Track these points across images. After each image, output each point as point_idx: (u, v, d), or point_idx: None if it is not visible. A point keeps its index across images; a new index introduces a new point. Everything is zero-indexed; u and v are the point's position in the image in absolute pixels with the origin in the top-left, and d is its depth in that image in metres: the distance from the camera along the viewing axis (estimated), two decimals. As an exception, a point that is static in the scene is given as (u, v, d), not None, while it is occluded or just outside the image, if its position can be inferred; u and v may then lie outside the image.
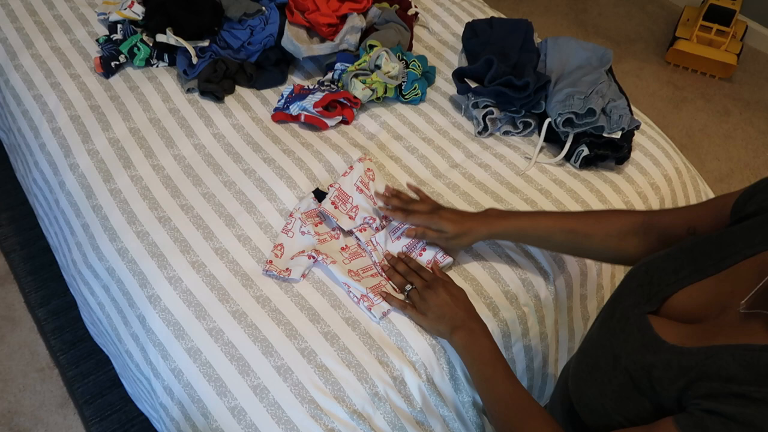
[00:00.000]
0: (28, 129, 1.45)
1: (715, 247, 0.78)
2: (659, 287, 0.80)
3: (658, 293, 0.80)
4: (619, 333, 0.79)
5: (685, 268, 0.79)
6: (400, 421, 1.05)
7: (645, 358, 0.73)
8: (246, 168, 1.34)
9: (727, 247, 0.77)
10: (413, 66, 1.50)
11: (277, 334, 1.09)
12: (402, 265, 1.15)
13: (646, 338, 0.75)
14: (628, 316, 0.80)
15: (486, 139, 1.45)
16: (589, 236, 1.05)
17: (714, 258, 0.77)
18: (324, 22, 1.50)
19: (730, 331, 0.69)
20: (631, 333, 0.77)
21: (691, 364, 0.68)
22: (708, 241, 0.80)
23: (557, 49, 1.53)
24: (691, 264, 0.79)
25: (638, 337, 0.76)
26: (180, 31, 1.50)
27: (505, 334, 1.18)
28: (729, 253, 0.76)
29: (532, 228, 1.09)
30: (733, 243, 0.76)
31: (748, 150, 2.46)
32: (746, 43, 2.86)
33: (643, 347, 0.74)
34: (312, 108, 1.39)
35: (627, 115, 1.39)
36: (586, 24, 2.97)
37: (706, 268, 0.77)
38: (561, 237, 1.07)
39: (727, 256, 0.76)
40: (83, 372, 1.66)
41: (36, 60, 1.52)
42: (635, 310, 0.80)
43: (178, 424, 1.08)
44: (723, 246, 0.78)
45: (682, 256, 0.82)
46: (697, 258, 0.79)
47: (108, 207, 1.27)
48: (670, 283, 0.80)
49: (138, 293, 1.16)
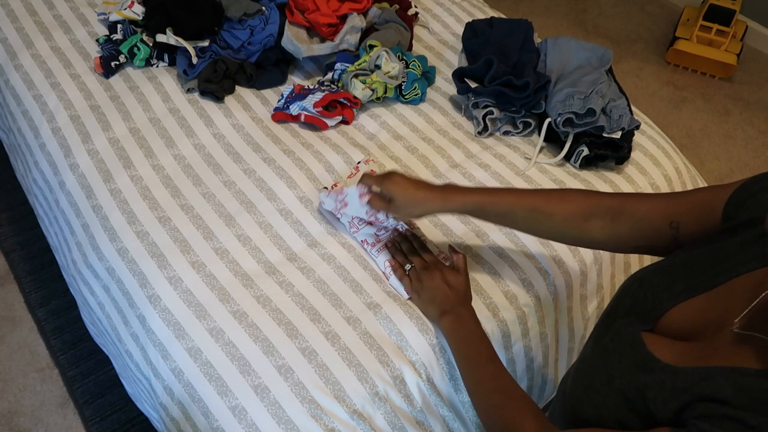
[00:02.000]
0: (28, 129, 1.45)
1: (709, 263, 0.76)
2: (653, 304, 0.79)
3: (652, 311, 0.78)
4: (613, 352, 0.78)
5: (678, 284, 0.78)
6: (400, 421, 1.05)
7: (639, 377, 0.72)
8: (246, 168, 1.34)
9: (721, 263, 0.75)
10: (413, 66, 1.51)
11: (277, 333, 1.09)
12: (407, 243, 1.16)
13: (639, 356, 0.74)
14: (622, 334, 0.79)
15: (486, 139, 1.45)
16: (551, 215, 0.99)
17: (708, 274, 0.76)
18: (324, 22, 1.50)
19: (724, 352, 0.68)
20: (625, 352, 0.76)
21: (685, 385, 0.67)
22: (702, 256, 0.78)
23: (557, 49, 1.53)
24: (685, 280, 0.77)
25: (631, 356, 0.75)
26: (180, 31, 1.50)
27: (505, 334, 1.18)
28: (723, 269, 0.74)
29: (492, 204, 1.01)
30: (727, 259, 0.75)
31: (748, 150, 2.46)
32: (746, 43, 2.86)
33: (637, 366, 0.73)
34: (312, 108, 1.39)
35: (627, 115, 1.39)
36: (586, 24, 2.97)
37: (700, 285, 0.76)
38: (522, 214, 1.01)
39: (721, 272, 0.74)
40: (83, 372, 1.66)
41: (36, 60, 1.52)
42: (629, 328, 0.78)
43: (179, 423, 1.08)
44: (717, 262, 0.76)
45: (675, 272, 0.80)
46: (691, 274, 0.77)
47: (108, 207, 1.27)
48: (663, 300, 0.78)
49: (138, 293, 1.16)
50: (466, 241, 1.24)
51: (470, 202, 1.02)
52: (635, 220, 0.91)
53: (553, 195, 1.01)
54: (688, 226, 0.84)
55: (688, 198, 0.87)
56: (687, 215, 0.85)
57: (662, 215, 0.87)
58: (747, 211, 0.77)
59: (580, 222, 0.97)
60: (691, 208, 0.85)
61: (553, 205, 0.99)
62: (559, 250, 1.26)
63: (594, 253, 1.29)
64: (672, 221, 0.86)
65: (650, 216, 0.89)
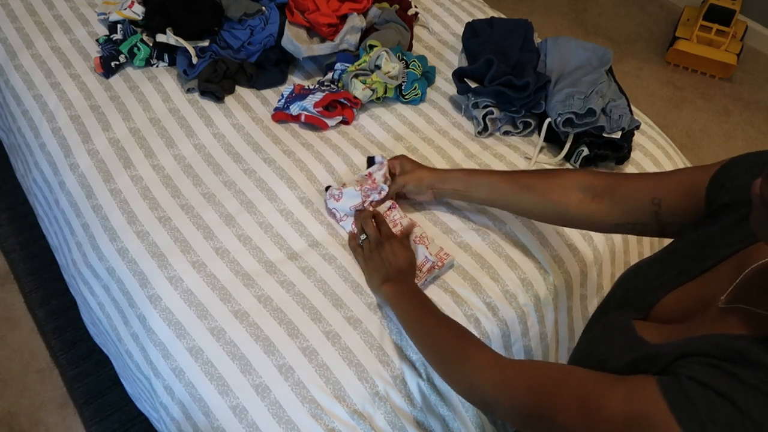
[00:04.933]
0: (28, 129, 1.45)
1: (696, 250, 0.78)
2: (645, 293, 0.80)
3: (644, 300, 0.80)
4: (605, 339, 0.80)
5: (669, 273, 0.80)
6: (400, 421, 1.05)
7: (628, 357, 0.73)
8: (246, 168, 1.34)
9: (707, 248, 0.77)
10: (413, 66, 1.50)
11: (278, 333, 1.09)
12: (368, 214, 1.20)
13: (630, 341, 0.75)
14: (614, 323, 0.80)
15: (486, 139, 1.45)
16: (531, 187, 1.06)
17: (696, 260, 0.78)
18: (324, 22, 1.50)
19: (708, 325, 0.70)
20: (616, 338, 0.78)
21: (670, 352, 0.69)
22: (689, 244, 0.80)
23: (557, 49, 1.53)
24: (675, 268, 0.80)
25: (623, 341, 0.76)
26: (180, 31, 1.50)
27: (505, 334, 1.18)
28: (709, 254, 0.76)
29: (476, 177, 1.16)
30: (713, 244, 0.77)
31: (748, 150, 2.45)
32: (746, 43, 2.86)
33: (628, 350, 0.74)
34: (312, 108, 1.39)
35: (627, 115, 1.39)
36: (586, 24, 2.97)
37: (689, 271, 0.78)
38: (504, 186, 1.10)
39: (708, 257, 0.76)
40: (83, 372, 1.66)
41: (36, 60, 1.52)
42: (621, 318, 0.80)
43: (179, 423, 1.08)
44: (703, 248, 0.78)
45: (666, 261, 0.82)
46: (680, 262, 0.80)
47: (108, 207, 1.27)
48: (655, 288, 0.80)
49: (138, 293, 1.16)
50: (465, 239, 1.24)
51: (457, 176, 1.18)
52: (621, 197, 0.94)
53: (535, 172, 1.10)
54: (669, 204, 0.87)
55: (670, 177, 0.89)
56: (669, 193, 0.87)
57: (644, 192, 0.90)
58: (727, 193, 0.79)
59: (557, 194, 1.02)
60: (674, 186, 0.87)
61: (534, 178, 1.06)
62: (560, 249, 1.26)
63: (594, 253, 1.29)
64: (654, 197, 0.88)
65: (632, 192, 0.92)
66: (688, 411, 0.61)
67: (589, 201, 0.98)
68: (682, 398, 0.62)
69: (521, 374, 0.80)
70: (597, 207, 0.97)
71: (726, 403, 0.60)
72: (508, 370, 0.82)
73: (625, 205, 0.93)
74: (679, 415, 0.61)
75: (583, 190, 0.99)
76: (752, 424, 0.59)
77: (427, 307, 1.02)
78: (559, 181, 1.03)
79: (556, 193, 1.02)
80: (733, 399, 0.60)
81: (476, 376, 0.85)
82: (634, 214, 0.92)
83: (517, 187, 1.08)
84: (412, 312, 1.02)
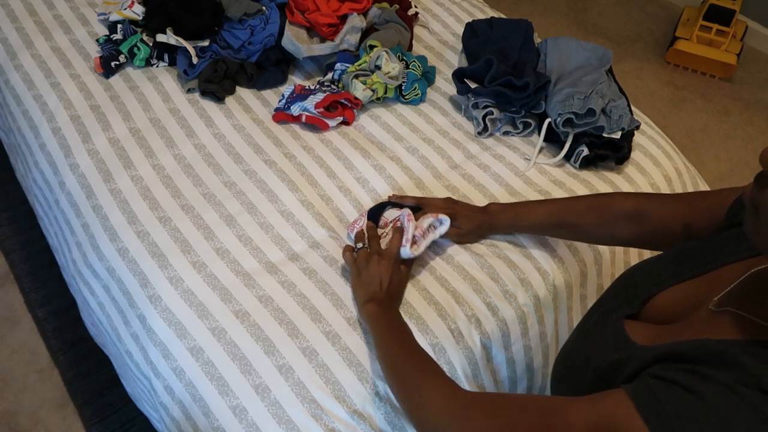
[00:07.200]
0: (28, 129, 1.45)
1: (701, 253, 0.79)
2: (641, 290, 0.81)
3: (639, 295, 0.80)
4: (594, 335, 0.80)
5: (667, 272, 0.80)
6: (400, 421, 1.05)
7: (613, 356, 0.74)
8: (247, 169, 1.34)
9: (712, 253, 0.77)
10: (413, 66, 1.51)
11: (279, 333, 1.09)
12: (372, 230, 1.18)
13: (617, 339, 0.76)
14: (606, 319, 0.81)
15: (486, 140, 1.45)
16: (580, 226, 1.08)
17: (697, 263, 0.78)
18: (324, 22, 1.50)
19: (696, 328, 0.70)
20: (605, 335, 0.78)
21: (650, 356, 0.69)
22: (694, 247, 0.81)
23: (557, 49, 1.53)
24: (674, 267, 0.80)
25: (611, 339, 0.77)
26: (180, 31, 1.50)
27: (505, 334, 1.18)
28: (713, 258, 0.77)
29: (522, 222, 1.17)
30: (718, 250, 0.77)
31: (748, 150, 2.46)
32: (746, 43, 2.86)
33: (615, 349, 0.75)
34: (313, 108, 1.39)
35: (627, 115, 1.39)
36: (586, 24, 2.97)
37: (688, 271, 0.78)
38: (552, 230, 1.15)
39: (711, 261, 0.77)
40: (83, 372, 1.66)
41: (36, 60, 1.52)
42: (613, 314, 0.80)
43: (179, 423, 1.08)
44: (708, 252, 0.78)
45: (666, 261, 0.82)
46: (681, 261, 0.80)
47: (108, 207, 1.27)
48: (651, 285, 0.80)
49: (138, 293, 1.16)
50: (466, 241, 1.24)
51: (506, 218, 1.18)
52: (654, 223, 0.97)
53: (579, 203, 1.10)
54: (699, 226, 0.89)
55: (702, 201, 0.91)
56: (700, 218, 0.89)
57: (677, 219, 0.92)
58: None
59: (608, 229, 1.05)
60: (705, 210, 0.89)
61: (581, 216, 1.08)
62: (559, 250, 1.26)
63: (594, 253, 1.29)
64: (686, 223, 0.91)
65: (667, 220, 0.95)
66: (654, 409, 0.61)
67: (636, 228, 1.01)
68: (649, 397, 0.62)
69: (478, 401, 0.80)
70: (642, 232, 1.00)
71: (691, 397, 0.59)
72: (466, 398, 0.81)
73: (660, 230, 0.95)
74: (645, 414, 0.61)
75: (629, 218, 1.01)
76: (719, 419, 0.58)
77: (403, 337, 0.99)
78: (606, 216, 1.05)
79: (606, 229, 1.05)
80: (700, 393, 0.59)
81: (430, 401, 0.84)
82: (667, 238, 0.95)
83: (564, 232, 1.13)
84: (389, 339, 0.99)
